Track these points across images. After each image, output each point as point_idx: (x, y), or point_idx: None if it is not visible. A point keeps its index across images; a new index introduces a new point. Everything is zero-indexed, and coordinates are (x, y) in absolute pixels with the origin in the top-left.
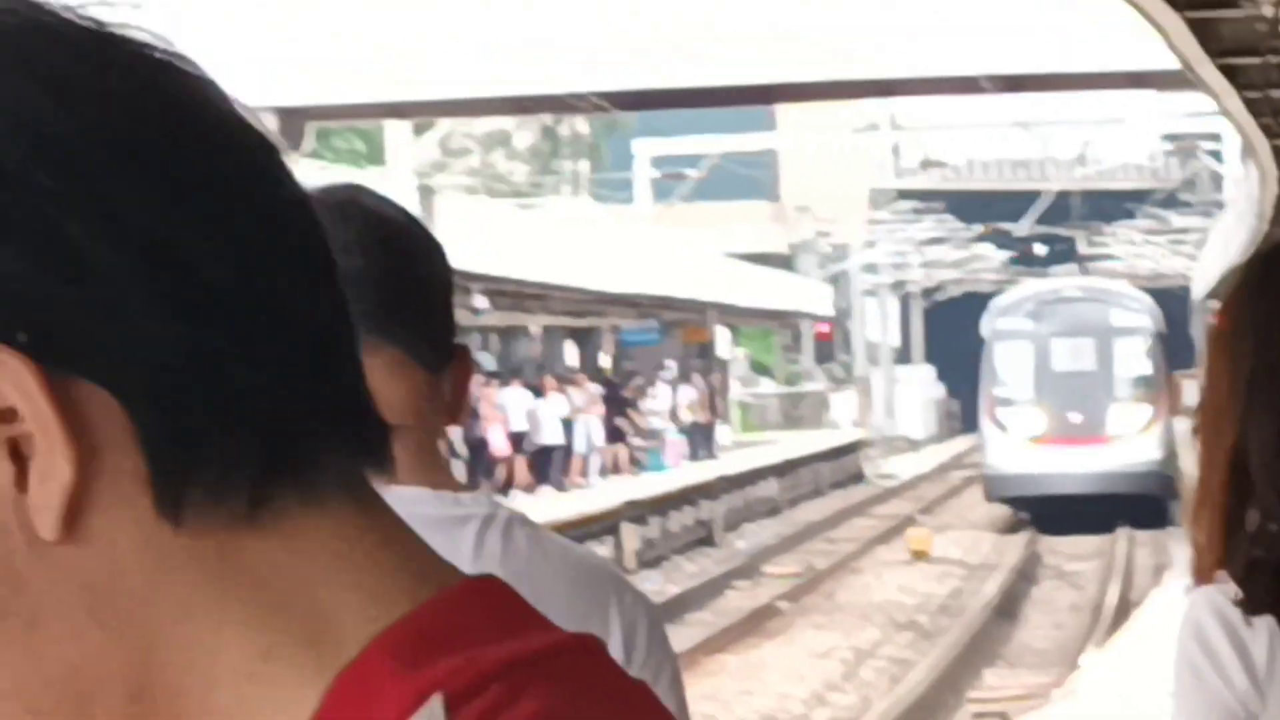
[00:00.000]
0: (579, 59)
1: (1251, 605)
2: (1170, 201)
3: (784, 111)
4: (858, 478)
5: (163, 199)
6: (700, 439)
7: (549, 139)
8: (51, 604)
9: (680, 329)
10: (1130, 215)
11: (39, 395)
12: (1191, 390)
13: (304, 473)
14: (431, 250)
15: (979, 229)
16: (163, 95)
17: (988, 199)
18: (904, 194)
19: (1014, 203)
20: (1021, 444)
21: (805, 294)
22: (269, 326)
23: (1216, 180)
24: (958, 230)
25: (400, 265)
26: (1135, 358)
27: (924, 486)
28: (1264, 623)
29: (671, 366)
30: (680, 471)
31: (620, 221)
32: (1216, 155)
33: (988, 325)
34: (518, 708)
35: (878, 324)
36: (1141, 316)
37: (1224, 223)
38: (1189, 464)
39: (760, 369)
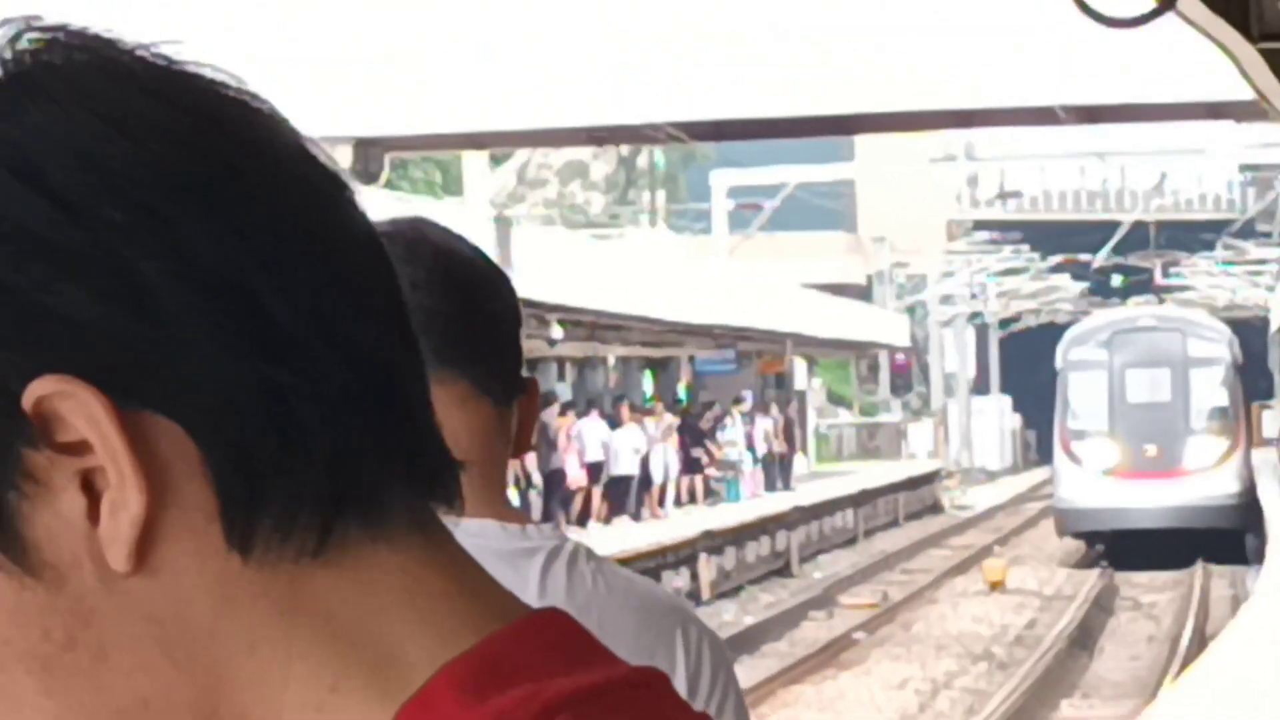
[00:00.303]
0: (656, 89)
1: None
2: (1247, 232)
3: (861, 142)
4: (934, 508)
5: (231, 236)
6: (777, 470)
7: (626, 169)
8: (120, 636)
9: (757, 359)
10: (1207, 246)
11: (110, 428)
12: (1271, 421)
13: (371, 507)
14: (499, 283)
15: (1055, 259)
16: (232, 132)
17: (1064, 229)
18: (980, 224)
19: (1090, 233)
20: (1095, 477)
21: (882, 324)
22: (335, 363)
23: None
24: (1034, 261)
25: (467, 299)
26: (1212, 389)
27: (1000, 517)
28: None
29: (748, 397)
30: (757, 502)
31: (697, 252)
32: None
33: (1061, 355)
34: None
35: (954, 355)
36: (1219, 346)
37: None
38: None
39: (837, 399)
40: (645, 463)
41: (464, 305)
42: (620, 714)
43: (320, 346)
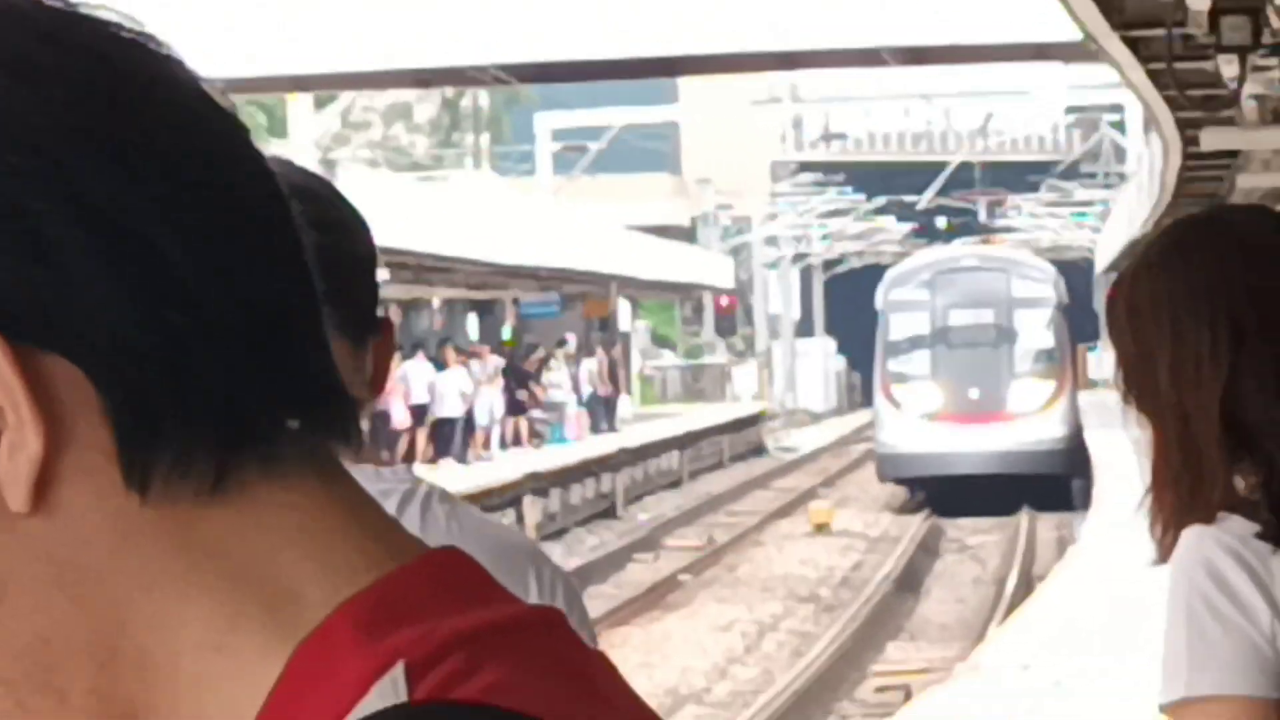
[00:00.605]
0: (481, 31)
1: (1274, 535)
2: (1072, 174)
3: (685, 84)
4: (759, 450)
5: (126, 179)
6: (601, 412)
7: (450, 112)
8: (19, 576)
9: (581, 302)
10: (1033, 188)
11: (7, 369)
12: (1096, 364)
13: (267, 447)
14: (357, 225)
15: (880, 201)
16: (129, 75)
17: (889, 171)
18: (805, 166)
19: (916, 175)
20: (917, 421)
21: (706, 267)
22: (231, 305)
23: (1119, 152)
24: (859, 203)
25: (327, 240)
26: (1037, 330)
27: (825, 459)
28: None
29: (571, 340)
30: (581, 444)
31: (521, 194)
32: (1119, 127)
33: (881, 296)
34: (478, 677)
35: (779, 297)
36: (1044, 286)
37: (1127, 195)
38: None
39: (661, 341)
40: (470, 405)
41: (321, 244)
42: (516, 651)
43: (216, 289)
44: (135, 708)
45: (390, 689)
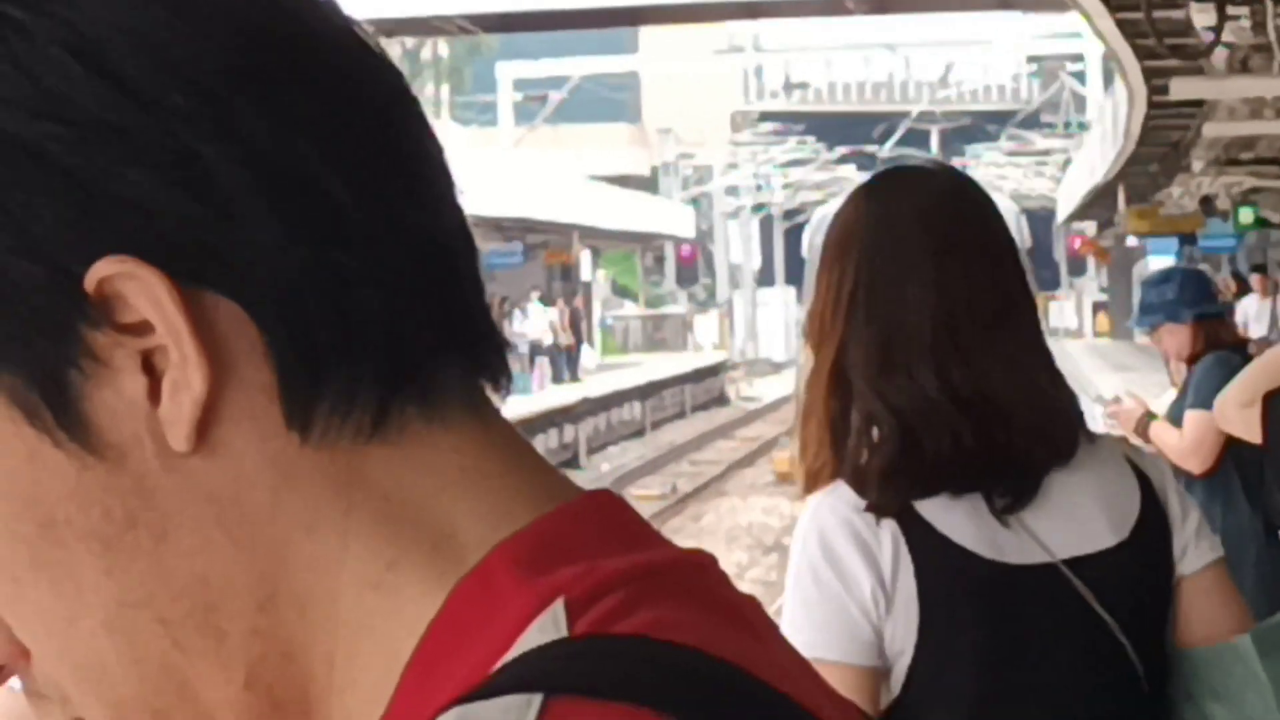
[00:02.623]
0: None
1: (877, 509)
2: (1033, 122)
3: (647, 34)
4: (721, 400)
5: (291, 119)
6: (564, 362)
7: (410, 62)
8: (181, 516)
9: (543, 251)
10: (993, 137)
11: (172, 309)
12: (1058, 313)
13: (427, 389)
14: None
15: (841, 151)
16: (289, 15)
17: (850, 121)
18: (766, 116)
19: (876, 125)
20: None
21: (668, 216)
22: (394, 245)
23: (1079, 102)
24: (820, 152)
25: None
26: None
27: (787, 409)
28: (890, 527)
29: (535, 291)
30: (543, 394)
31: (483, 144)
32: (1079, 77)
33: (808, 242)
34: (637, 614)
35: (740, 246)
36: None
37: (1089, 144)
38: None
39: (623, 291)
40: None
41: None
42: (674, 590)
43: (379, 229)
44: (294, 647)
45: (551, 625)
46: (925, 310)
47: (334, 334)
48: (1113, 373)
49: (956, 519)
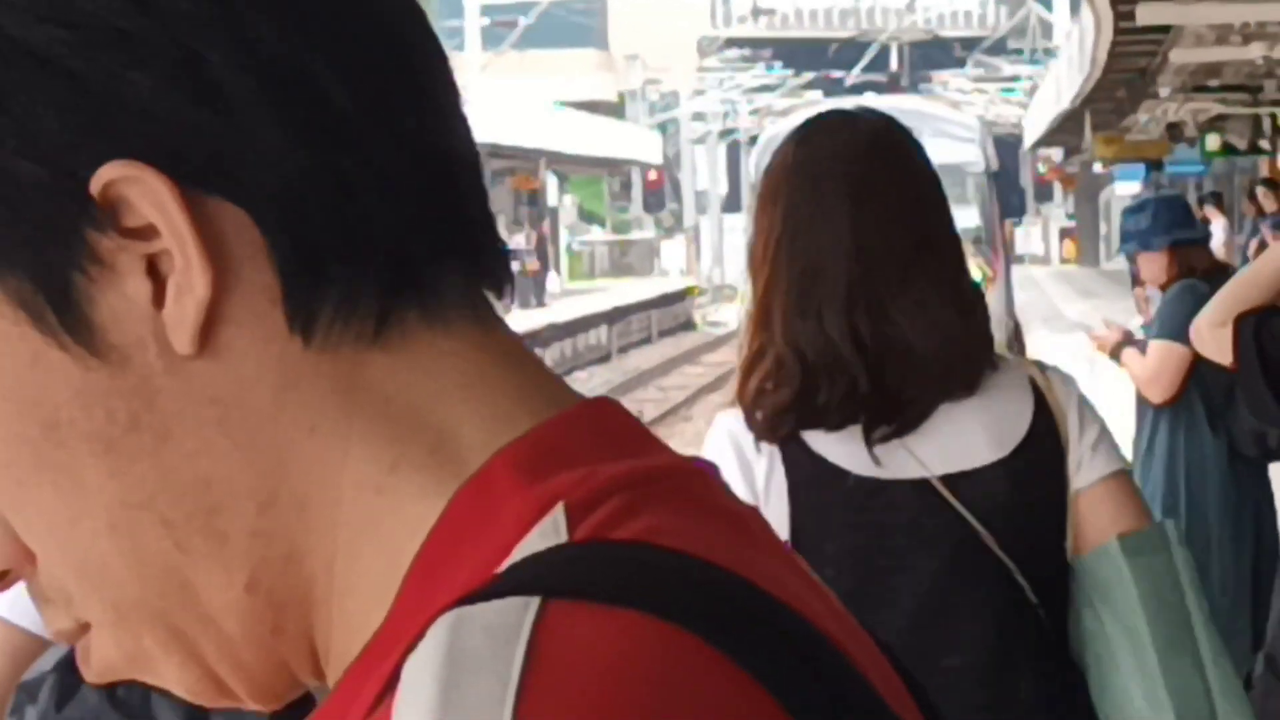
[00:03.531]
0: None
1: (758, 433)
2: (999, 49)
3: None
4: (687, 325)
5: (294, 24)
6: (530, 287)
7: None
8: (183, 418)
9: (509, 177)
10: (960, 63)
11: (176, 212)
12: (1024, 240)
13: (428, 294)
14: None
15: (808, 77)
16: None
17: (817, 47)
18: (733, 42)
19: (843, 51)
20: None
21: (634, 142)
22: (397, 151)
23: (1045, 28)
24: (787, 78)
25: None
26: (962, 204)
27: None
28: (768, 449)
29: (501, 216)
30: (510, 319)
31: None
32: (1045, 2)
33: (753, 167)
34: (637, 519)
35: (706, 172)
36: (968, 148)
37: (1055, 70)
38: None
39: (589, 217)
40: None
41: None
42: (673, 496)
43: (382, 135)
44: (295, 550)
45: (551, 530)
46: (840, 256)
47: (336, 238)
48: (1079, 299)
49: (832, 440)
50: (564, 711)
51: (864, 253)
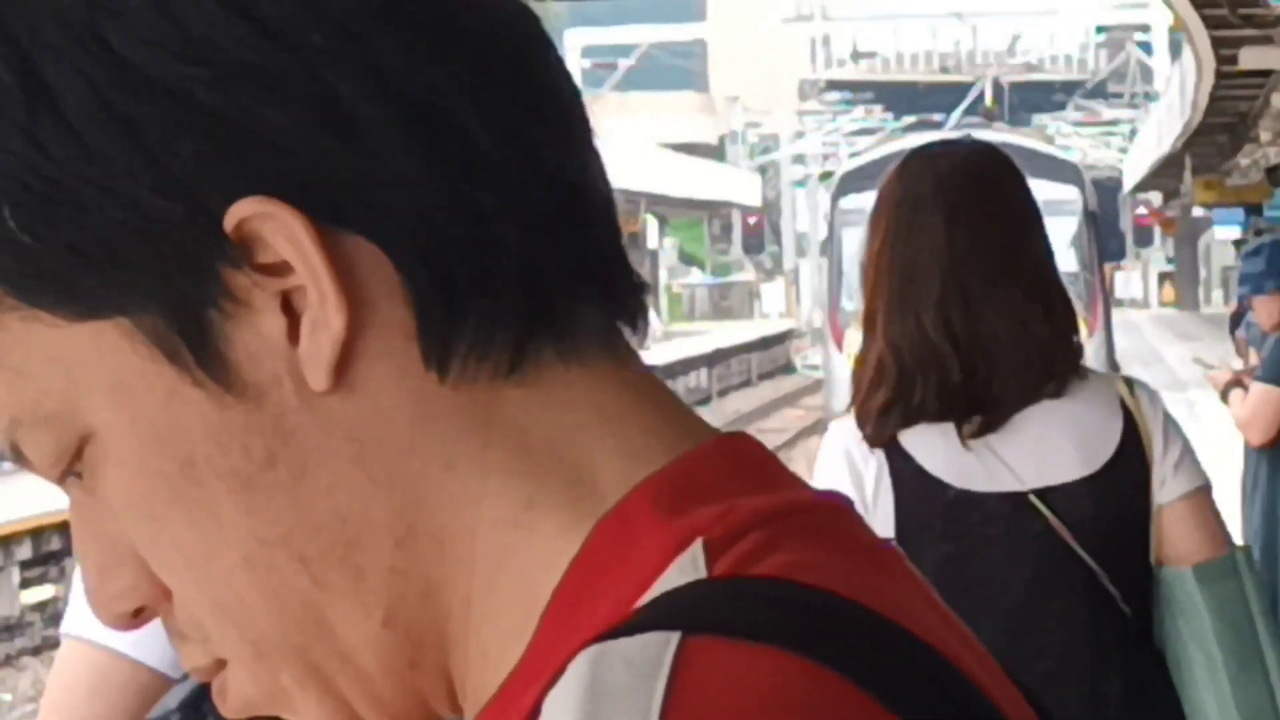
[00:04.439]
0: None
1: (866, 435)
2: (1099, 92)
3: (715, 1)
4: (787, 368)
5: (429, 58)
6: None
7: None
8: (319, 454)
9: None
10: (1060, 107)
11: (311, 249)
12: (1124, 284)
13: (564, 328)
14: None
15: (908, 120)
16: None
17: (917, 90)
18: (833, 85)
19: (943, 94)
20: None
21: (734, 184)
22: (532, 184)
23: (1145, 72)
24: (887, 121)
25: None
26: (1058, 248)
27: None
28: (876, 460)
29: None
30: None
31: None
32: (1145, 47)
33: (830, 203)
34: (775, 556)
35: (807, 215)
36: (1067, 188)
37: (1156, 114)
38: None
39: (689, 259)
40: None
41: None
42: (811, 531)
43: (517, 168)
44: (432, 584)
45: (690, 565)
46: (935, 263)
47: (472, 273)
48: (1178, 343)
49: (933, 450)
50: None
51: (956, 260)
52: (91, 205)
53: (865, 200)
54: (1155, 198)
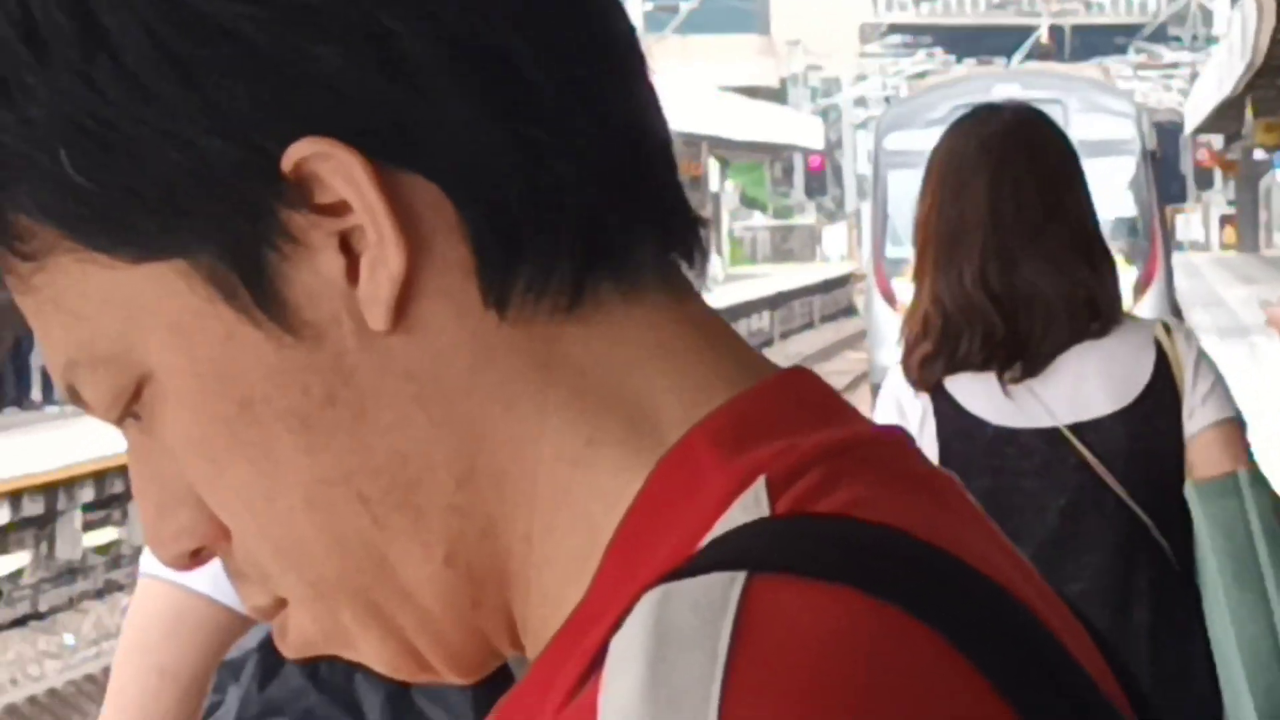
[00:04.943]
0: None
1: (913, 382)
2: (1159, 36)
3: None
4: (849, 310)
5: None
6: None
7: None
8: (379, 393)
9: None
10: (1120, 50)
11: (369, 188)
12: (1184, 226)
13: (622, 264)
14: None
15: (969, 63)
16: None
17: (978, 33)
18: (895, 28)
19: (1004, 37)
20: None
21: (796, 128)
22: (588, 122)
23: (1206, 15)
24: (948, 64)
25: None
26: (1114, 190)
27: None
28: (923, 402)
29: None
30: None
31: None
32: None
33: (875, 146)
34: (838, 491)
35: (868, 157)
36: (1122, 124)
37: (1217, 57)
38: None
39: (751, 202)
40: None
41: None
42: (873, 467)
43: (573, 106)
44: (492, 523)
45: (753, 503)
46: (977, 222)
47: (529, 210)
48: (1239, 285)
49: (974, 393)
50: (773, 687)
51: (998, 218)
52: (148, 148)
53: (912, 140)
54: (1216, 140)
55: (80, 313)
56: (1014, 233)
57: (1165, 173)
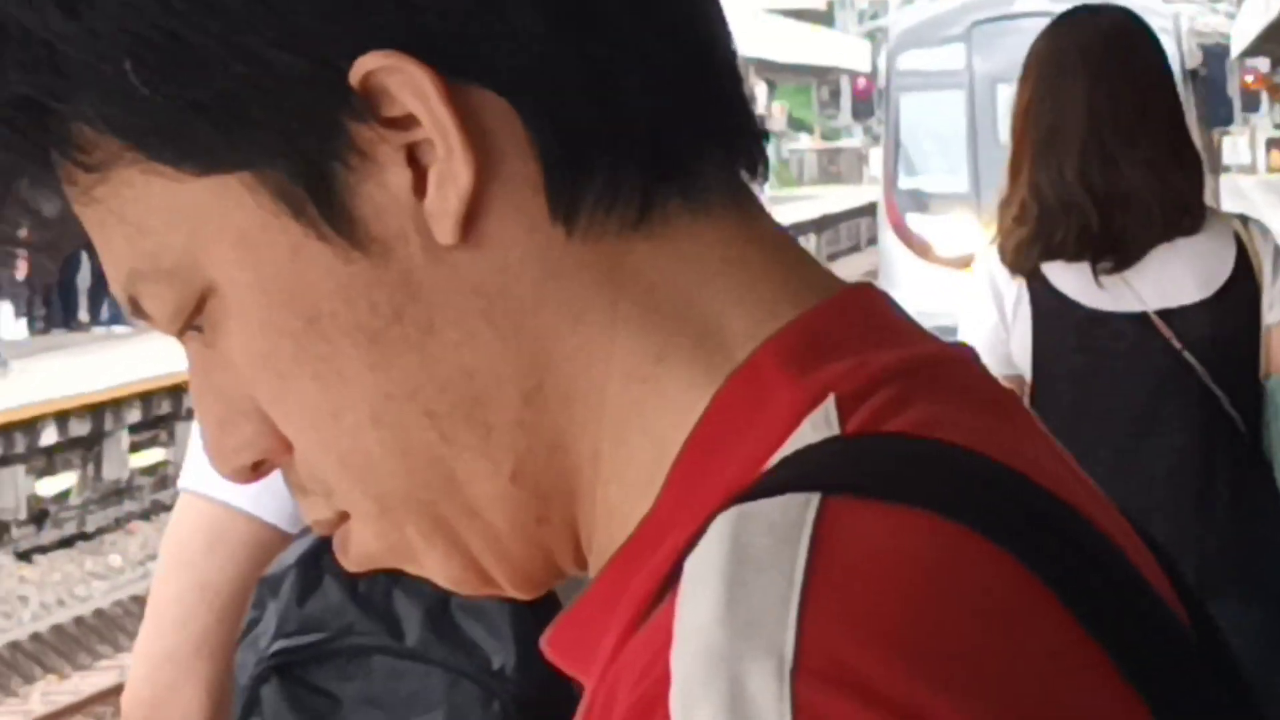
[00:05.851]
0: None
1: (1008, 265)
2: None
3: None
4: None
5: None
6: None
7: None
8: (446, 309)
9: None
10: None
11: (438, 102)
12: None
13: (689, 179)
14: None
15: None
16: None
17: None
18: None
19: None
20: (948, 277)
21: (843, 50)
22: (654, 37)
23: None
24: None
25: None
26: None
27: None
28: (1018, 284)
29: None
30: None
31: None
32: None
33: (887, 65)
34: (907, 412)
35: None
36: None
37: None
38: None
39: (798, 124)
40: None
41: None
42: (942, 385)
43: (639, 21)
44: (560, 439)
45: (823, 422)
46: (1077, 120)
47: (597, 125)
48: None
49: (1068, 278)
50: (849, 608)
51: (1096, 121)
52: (214, 60)
53: (929, 59)
54: (1263, 64)
55: (143, 225)
56: (1113, 133)
57: (1212, 96)
